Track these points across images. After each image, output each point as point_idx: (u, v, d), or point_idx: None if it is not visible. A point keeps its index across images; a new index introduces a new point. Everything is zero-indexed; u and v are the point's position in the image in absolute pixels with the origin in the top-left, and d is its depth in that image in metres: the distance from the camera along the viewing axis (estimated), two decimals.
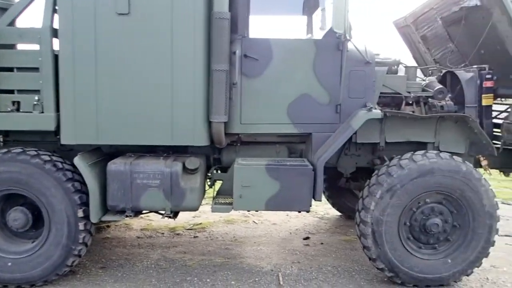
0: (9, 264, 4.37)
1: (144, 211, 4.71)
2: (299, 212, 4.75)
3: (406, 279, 4.49)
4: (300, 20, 5.69)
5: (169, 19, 4.22)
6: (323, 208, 7.26)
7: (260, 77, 4.53)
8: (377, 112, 4.51)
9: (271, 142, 5.00)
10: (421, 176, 4.32)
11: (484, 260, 4.54)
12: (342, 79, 4.53)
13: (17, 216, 4.41)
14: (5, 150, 4.35)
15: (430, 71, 5.77)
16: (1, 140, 4.69)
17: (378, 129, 4.75)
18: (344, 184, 5.64)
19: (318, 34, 5.19)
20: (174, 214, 4.63)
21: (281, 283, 4.59)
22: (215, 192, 4.89)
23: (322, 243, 5.77)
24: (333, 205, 6.80)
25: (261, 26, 5.49)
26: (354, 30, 4.60)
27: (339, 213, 6.92)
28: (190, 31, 4.24)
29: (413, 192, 4.37)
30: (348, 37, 4.46)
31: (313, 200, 4.52)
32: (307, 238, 5.95)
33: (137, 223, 6.40)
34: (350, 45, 4.53)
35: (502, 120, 5.00)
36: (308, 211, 4.58)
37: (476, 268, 4.56)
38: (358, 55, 4.57)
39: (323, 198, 6.16)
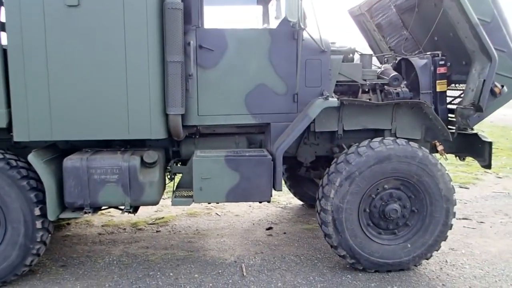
0: None
1: (103, 207, 4.64)
2: (260, 202, 4.76)
3: (367, 265, 4.58)
4: (255, 10, 5.69)
5: (121, 10, 4.14)
6: (285, 198, 7.32)
7: (216, 67, 4.51)
8: (333, 101, 4.56)
9: (230, 134, 5.01)
10: (378, 162, 4.41)
11: (442, 243, 4.67)
12: (298, 68, 4.55)
13: None
14: None
15: (385, 59, 5.88)
16: None
17: (336, 118, 4.81)
18: (305, 173, 5.69)
19: (274, 24, 5.20)
20: (134, 209, 4.58)
21: (245, 274, 4.61)
22: (175, 186, 4.86)
23: (284, 233, 5.82)
24: (295, 194, 6.87)
25: (218, 17, 5.48)
26: (309, 19, 4.62)
27: (301, 202, 6.99)
28: (142, 22, 4.17)
29: (372, 178, 4.45)
30: (303, 26, 4.49)
31: (274, 190, 4.54)
32: (270, 228, 5.99)
33: (98, 219, 6.31)
34: (305, 34, 4.56)
35: (456, 106, 5.13)
36: (269, 201, 4.61)
37: (436, 252, 4.68)
38: (313, 44, 4.60)
39: (285, 188, 6.22)
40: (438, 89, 5.13)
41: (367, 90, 5.12)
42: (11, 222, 4.25)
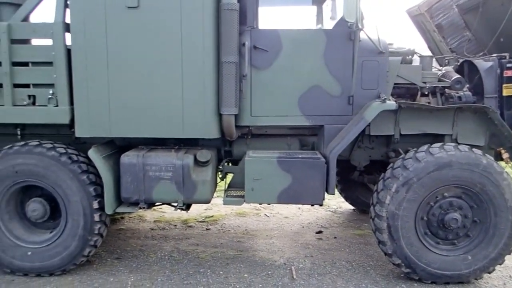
0: (29, 253, 4.51)
1: (156, 203, 4.76)
2: (312, 205, 4.70)
3: (424, 276, 4.37)
4: (310, 11, 5.62)
5: (178, 12, 4.23)
6: (336, 202, 7.18)
7: (270, 68, 4.51)
8: (391, 103, 4.40)
9: (282, 135, 4.97)
10: (438, 169, 4.18)
11: (507, 257, 4.37)
12: (355, 70, 4.45)
13: (35, 207, 4.53)
14: (22, 143, 4.47)
15: (446, 61, 5.61)
16: (19, 133, 4.82)
17: (393, 121, 4.65)
18: (358, 177, 5.55)
19: (329, 24, 5.11)
20: (187, 207, 4.66)
21: (294, 277, 4.56)
22: (226, 185, 4.90)
23: (335, 237, 5.71)
24: (346, 198, 6.72)
25: (271, 17, 5.46)
26: (366, 20, 4.50)
27: (352, 207, 6.83)
28: (199, 23, 4.24)
29: (430, 186, 4.23)
30: (360, 27, 4.38)
31: (326, 194, 4.47)
32: (319, 232, 5.90)
33: (150, 215, 6.49)
34: (362, 35, 4.45)
35: None
36: (321, 205, 4.53)
37: (499, 266, 4.39)
38: (370, 45, 4.48)
39: (336, 191, 6.09)
40: (504, 93, 4.83)
41: (426, 93, 4.91)
42: (72, 215, 4.45)
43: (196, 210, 6.52)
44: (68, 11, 4.37)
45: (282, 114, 4.58)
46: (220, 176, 5.03)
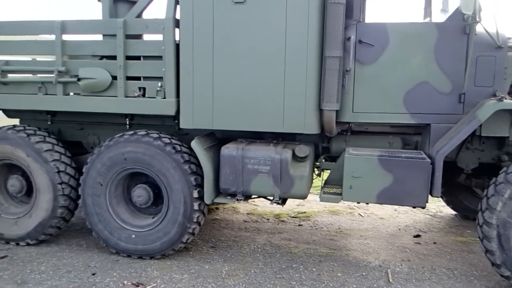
0: (133, 236, 4.78)
1: (253, 196, 4.82)
2: (414, 207, 4.50)
3: None
4: (415, 4, 5.34)
5: (284, 6, 4.21)
6: (436, 206, 6.80)
7: (375, 63, 4.35)
8: (509, 103, 4.05)
9: (384, 133, 4.78)
10: None
11: None
12: (468, 66, 4.16)
13: (140, 193, 4.79)
14: (131, 132, 4.74)
15: None
16: (127, 123, 5.12)
17: (508, 122, 4.29)
18: (464, 180, 5.19)
19: (439, 17, 4.82)
20: (283, 201, 4.66)
21: (391, 280, 4.40)
22: (323, 182, 4.83)
23: (434, 243, 5.41)
24: (448, 202, 6.32)
25: (373, 11, 5.25)
26: (484, 11, 4.17)
27: (453, 212, 6.42)
28: (304, 17, 4.19)
29: None
30: (477, 19, 4.07)
31: (430, 196, 4.24)
32: (417, 236, 5.62)
33: (243, 207, 6.60)
34: (478, 28, 4.14)
35: None
36: (423, 207, 4.30)
37: None
38: (488, 38, 4.15)
39: None
40: None
41: None
42: (173, 202, 4.64)
43: (289, 205, 6.51)
44: (177, 7, 4.54)
45: (385, 111, 4.41)
46: (317, 172, 4.97)
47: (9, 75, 5.15)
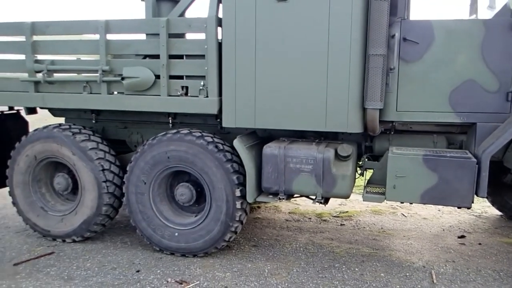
0: (176, 234, 4.85)
1: (295, 195, 4.82)
2: (459, 208, 4.42)
3: None
4: (462, 1, 5.23)
5: (327, 3, 4.19)
6: (481, 206, 6.64)
7: (420, 61, 4.29)
8: None
9: (428, 132, 4.71)
10: None
11: None
12: None
13: (183, 191, 4.86)
14: (174, 131, 4.80)
15: None
16: (170, 121, 5.20)
17: None
18: (511, 181, 5.07)
19: (486, 14, 4.72)
20: (325, 200, 4.64)
21: (435, 281, 4.33)
22: (366, 181, 4.79)
23: (480, 244, 5.29)
24: (493, 203, 6.16)
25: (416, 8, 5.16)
26: None
27: (499, 213, 6.25)
28: (347, 15, 4.17)
29: None
30: None
31: (476, 197, 4.16)
32: (462, 236, 5.50)
33: (285, 206, 6.60)
34: None
35: None
36: (469, 208, 4.22)
37: None
38: None
39: None
40: None
41: None
42: (216, 200, 4.68)
43: (331, 204, 6.49)
44: (221, 6, 4.58)
45: (430, 109, 4.34)
46: (359, 172, 4.93)
47: (55, 74, 5.30)
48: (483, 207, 6.61)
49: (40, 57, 5.26)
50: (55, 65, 5.22)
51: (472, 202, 4.14)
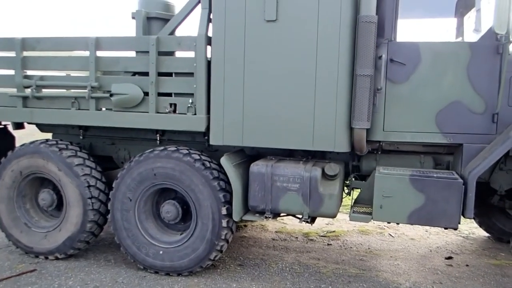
0: (161, 252, 4.77)
1: (282, 214, 4.79)
2: (445, 228, 4.40)
3: None
4: (446, 23, 5.31)
5: (315, 25, 4.26)
6: (468, 227, 6.64)
7: (407, 82, 4.34)
8: None
9: (415, 152, 4.73)
10: None
11: None
12: (502, 86, 4.12)
13: (169, 209, 4.80)
14: (161, 148, 4.78)
15: None
16: (158, 138, 5.18)
17: None
18: (498, 202, 5.08)
19: (471, 37, 4.80)
20: (312, 220, 4.62)
21: None
22: (353, 200, 4.78)
23: (467, 265, 5.26)
24: (481, 224, 6.16)
25: (405, 29, 5.24)
26: None
27: (486, 234, 6.25)
28: (335, 35, 4.23)
29: None
30: (511, 39, 4.04)
31: (462, 218, 4.16)
32: (449, 258, 5.48)
33: (272, 225, 6.55)
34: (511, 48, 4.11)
35: None
36: (455, 229, 4.22)
37: None
38: None
39: None
40: None
41: None
42: (202, 218, 4.63)
43: (318, 224, 6.45)
44: (210, 25, 4.62)
45: (417, 130, 4.37)
46: (347, 191, 4.92)
47: (44, 90, 5.27)
48: (471, 228, 6.60)
49: (29, 72, 5.25)
50: (44, 80, 5.21)
51: (459, 223, 4.15)
